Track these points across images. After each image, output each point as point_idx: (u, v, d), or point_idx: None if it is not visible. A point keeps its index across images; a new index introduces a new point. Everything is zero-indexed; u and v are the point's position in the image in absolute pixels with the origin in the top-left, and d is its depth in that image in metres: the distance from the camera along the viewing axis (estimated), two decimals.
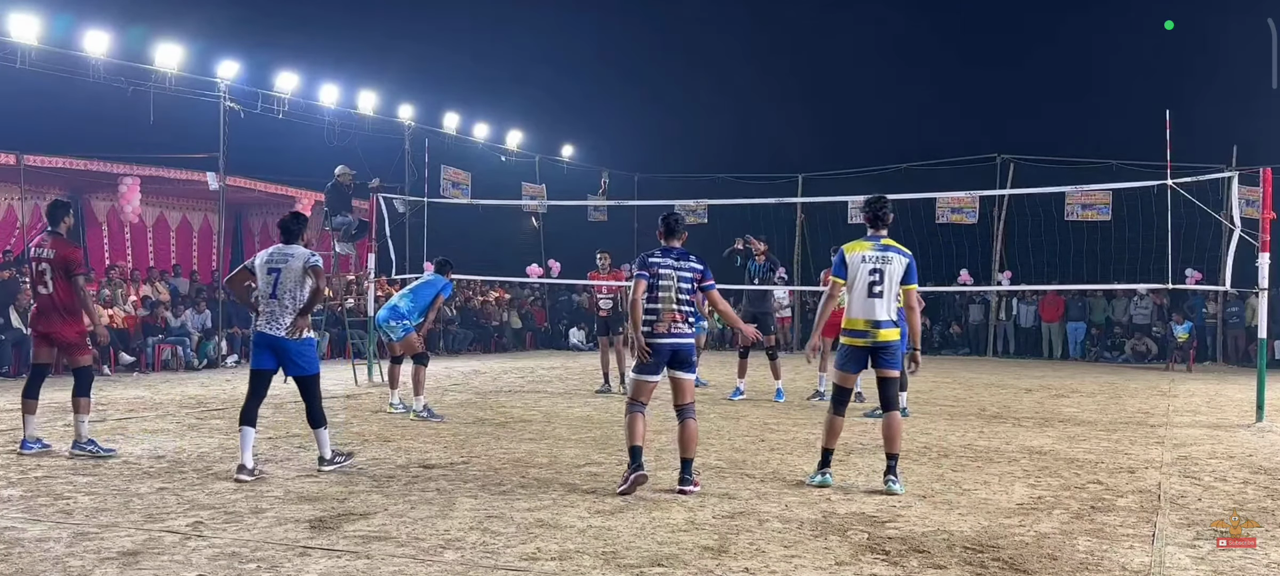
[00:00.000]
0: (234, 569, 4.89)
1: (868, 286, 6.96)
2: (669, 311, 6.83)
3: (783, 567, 5.07)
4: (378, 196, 15.80)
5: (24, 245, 17.08)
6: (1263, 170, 11.28)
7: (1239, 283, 13.07)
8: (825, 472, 7.09)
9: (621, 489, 6.61)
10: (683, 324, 6.88)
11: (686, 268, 6.90)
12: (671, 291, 6.84)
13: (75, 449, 7.88)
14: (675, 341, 6.84)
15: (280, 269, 7.35)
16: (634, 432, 6.77)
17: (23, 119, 16.52)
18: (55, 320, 7.96)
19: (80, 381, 7.96)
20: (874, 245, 7.05)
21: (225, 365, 16.91)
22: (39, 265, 8.00)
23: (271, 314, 7.32)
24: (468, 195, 22.56)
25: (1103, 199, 22.11)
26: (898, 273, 7.01)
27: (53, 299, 7.93)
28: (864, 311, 6.98)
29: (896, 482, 6.90)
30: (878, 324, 6.96)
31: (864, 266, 6.99)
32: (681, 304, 6.87)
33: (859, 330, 7.00)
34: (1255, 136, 20.54)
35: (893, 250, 7.05)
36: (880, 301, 6.96)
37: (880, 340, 6.96)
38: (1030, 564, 5.21)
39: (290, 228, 7.57)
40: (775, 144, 28.80)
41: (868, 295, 6.96)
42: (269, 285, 7.34)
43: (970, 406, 12.57)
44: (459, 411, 11.14)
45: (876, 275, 6.96)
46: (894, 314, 7.03)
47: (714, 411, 11.49)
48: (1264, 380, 11.37)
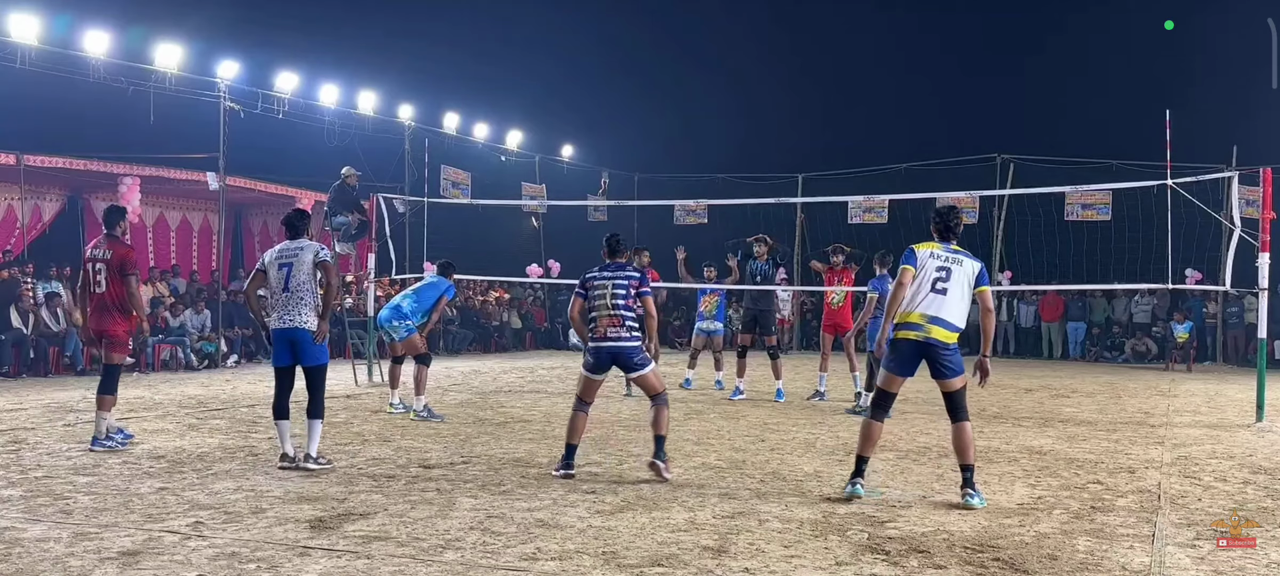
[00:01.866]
0: (234, 569, 4.89)
1: (932, 282, 6.61)
2: (604, 317, 7.30)
3: (783, 567, 5.08)
4: (378, 196, 15.80)
5: (24, 245, 17.10)
6: (1263, 170, 11.28)
7: (1239, 282, 13.07)
8: (857, 482, 6.64)
9: (557, 474, 7.22)
10: (621, 329, 7.28)
11: (622, 277, 7.39)
12: (606, 298, 7.30)
13: (95, 445, 8.10)
14: (612, 345, 7.26)
15: (291, 263, 7.57)
16: (573, 430, 7.38)
17: (23, 119, 16.51)
18: (107, 318, 8.33)
19: (108, 378, 8.24)
20: (945, 248, 6.76)
21: (225, 365, 16.91)
22: (95, 265, 8.40)
23: (286, 306, 7.53)
24: (468, 195, 22.56)
25: (1103, 199, 22.10)
26: (970, 274, 6.67)
27: (105, 298, 8.32)
28: (923, 306, 6.59)
29: (974, 496, 6.47)
30: (933, 319, 6.56)
31: (933, 262, 6.66)
32: (618, 308, 7.29)
33: (913, 323, 6.60)
34: (1255, 136, 20.54)
35: (964, 254, 6.76)
36: (943, 298, 6.58)
37: (933, 336, 6.54)
38: (1030, 564, 5.21)
39: (295, 223, 7.83)
40: (775, 144, 28.81)
41: (930, 290, 6.60)
42: (281, 281, 7.56)
43: (970, 406, 12.48)
44: (459, 411, 11.15)
45: (944, 272, 6.63)
46: (957, 317, 6.63)
47: (714, 411, 11.50)
48: (1264, 380, 11.37)
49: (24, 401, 11.45)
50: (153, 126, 16.65)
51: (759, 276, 12.78)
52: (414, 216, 19.56)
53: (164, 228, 20.34)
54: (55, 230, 18.62)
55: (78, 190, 18.48)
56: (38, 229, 18.09)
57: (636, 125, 29.14)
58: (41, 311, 15.05)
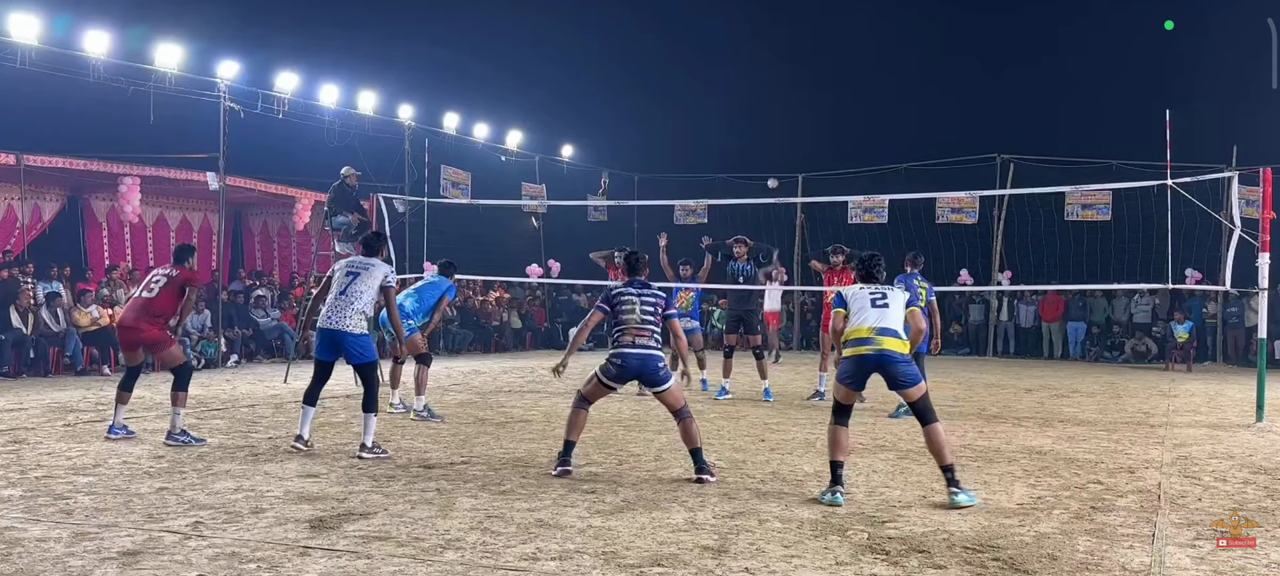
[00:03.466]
0: (234, 569, 4.89)
1: (871, 301, 6.90)
2: (632, 328, 7.40)
3: (783, 567, 5.08)
4: (378, 196, 15.78)
5: (24, 245, 17.10)
6: (1263, 170, 11.27)
7: (1239, 282, 13.07)
8: (836, 491, 6.62)
9: (556, 472, 7.25)
10: (650, 340, 7.38)
11: (649, 294, 7.55)
12: (635, 313, 7.41)
13: (169, 439, 8.47)
14: (640, 353, 7.34)
15: (360, 273, 8.23)
16: (573, 426, 7.43)
17: (23, 119, 16.51)
18: (145, 320, 8.68)
19: (180, 378, 8.60)
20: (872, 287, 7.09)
21: (225, 365, 16.91)
22: (154, 278, 8.92)
23: (335, 308, 8.10)
24: (468, 195, 22.55)
25: (1103, 199, 22.10)
26: (901, 298, 7.03)
27: (151, 304, 8.72)
28: (870, 321, 6.81)
29: (960, 493, 6.49)
30: (881, 331, 6.76)
31: (865, 292, 6.99)
32: (645, 323, 7.41)
33: (863, 337, 6.80)
34: (1255, 136, 20.54)
35: (892, 288, 7.15)
36: (885, 310, 6.85)
37: (884, 347, 6.71)
38: (1030, 564, 5.21)
39: (371, 244, 8.72)
40: (775, 144, 28.81)
41: (871, 307, 6.86)
42: (343, 285, 8.16)
43: (970, 406, 12.57)
44: (459, 411, 11.14)
45: (879, 293, 6.96)
46: (898, 327, 6.86)
47: (714, 411, 11.50)
48: (1264, 380, 11.37)
49: (24, 401, 11.44)
50: (153, 126, 16.64)
51: (741, 277, 12.77)
52: (414, 216, 19.55)
53: (164, 227, 20.32)
54: (55, 230, 18.62)
55: (78, 190, 18.48)
56: (38, 229, 18.09)
57: (636, 125, 29.15)
58: (41, 311, 15.05)
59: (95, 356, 15.32)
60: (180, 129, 17.75)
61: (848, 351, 6.91)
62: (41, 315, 15.02)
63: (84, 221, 18.90)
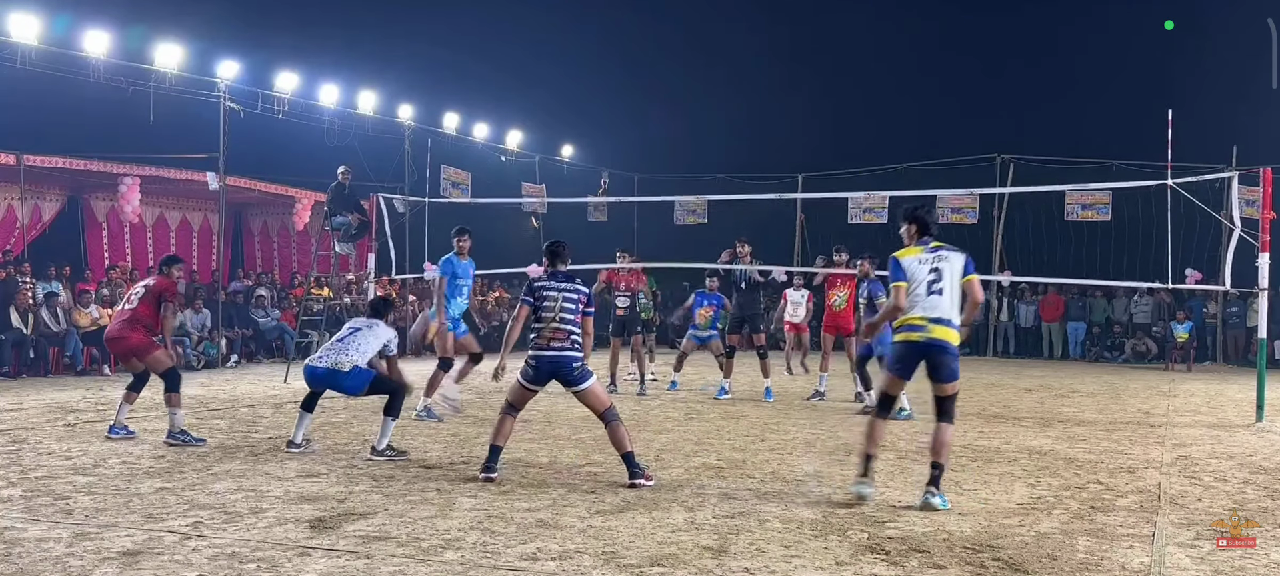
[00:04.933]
0: (234, 569, 4.89)
1: (927, 285, 6.65)
2: (549, 329, 7.15)
3: (783, 567, 5.08)
4: (378, 196, 15.79)
5: (24, 245, 17.09)
6: (1263, 170, 11.28)
7: (1239, 282, 13.07)
8: (865, 481, 6.56)
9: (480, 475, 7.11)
10: (566, 342, 7.15)
11: (571, 290, 7.28)
12: (555, 310, 7.16)
13: (169, 438, 8.54)
14: (554, 355, 7.14)
15: (362, 330, 8.34)
16: (499, 432, 7.31)
17: (23, 119, 16.49)
18: (128, 329, 8.80)
19: (169, 381, 8.66)
20: (925, 249, 6.78)
21: (226, 366, 16.90)
22: (135, 289, 9.13)
23: (332, 349, 8.23)
24: (468, 195, 22.55)
25: (1103, 199, 22.11)
26: (958, 268, 6.71)
27: (135, 312, 8.84)
28: (923, 308, 6.61)
29: (936, 496, 6.42)
30: (935, 320, 6.58)
31: (922, 269, 6.69)
32: (565, 321, 7.16)
33: (914, 324, 6.62)
34: (1255, 136, 20.54)
35: (946, 249, 6.80)
36: (940, 298, 6.61)
37: (935, 336, 6.56)
38: (1030, 564, 5.21)
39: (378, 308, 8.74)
40: (775, 143, 28.80)
41: (927, 293, 6.63)
42: (344, 333, 8.37)
43: (970, 406, 12.57)
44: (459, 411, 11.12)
45: (935, 273, 6.67)
46: (954, 313, 6.67)
47: (714, 411, 11.50)
48: (1264, 380, 11.37)
49: (24, 401, 11.44)
50: (153, 126, 16.63)
51: (744, 280, 12.81)
52: (414, 216, 19.55)
53: (164, 228, 20.32)
54: (55, 230, 18.61)
55: (78, 190, 18.47)
56: (37, 229, 18.08)
57: (636, 125, 29.13)
58: (41, 311, 15.04)
59: (95, 356, 15.30)
60: (180, 129, 17.74)
61: (898, 337, 6.71)
62: (41, 315, 15.02)
63: (84, 221, 18.89)
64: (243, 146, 17.94)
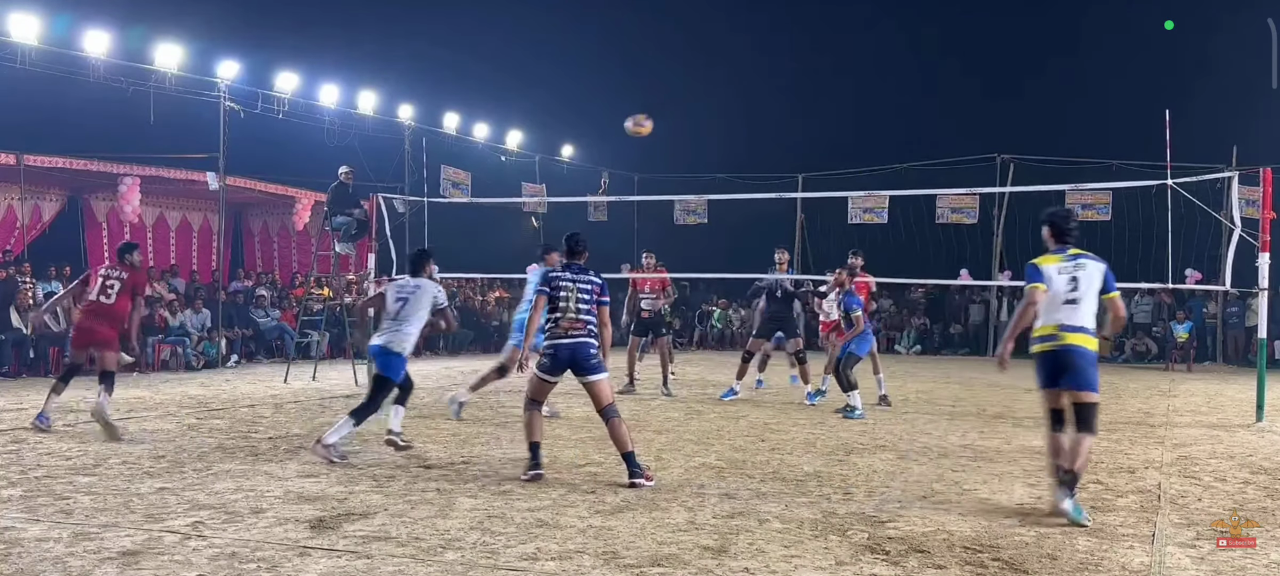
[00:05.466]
0: (234, 569, 4.89)
1: (1065, 296, 6.56)
2: (566, 319, 7.26)
3: (783, 567, 5.08)
4: (378, 196, 15.79)
5: (24, 245, 17.10)
6: (1263, 170, 11.28)
7: (1239, 282, 13.08)
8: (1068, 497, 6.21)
9: (525, 477, 7.07)
10: (583, 332, 7.25)
11: (585, 281, 7.41)
12: (572, 302, 7.28)
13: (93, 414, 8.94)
14: (572, 342, 7.23)
15: (408, 298, 8.44)
16: (532, 429, 7.27)
17: (23, 118, 16.49)
18: (103, 324, 9.15)
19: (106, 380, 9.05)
20: (1064, 256, 6.72)
21: (226, 366, 16.90)
22: (107, 281, 9.30)
23: (393, 331, 8.33)
24: (468, 195, 22.56)
25: (1103, 199, 22.10)
26: (1096, 281, 6.60)
27: (112, 308, 9.17)
28: (1058, 317, 6.54)
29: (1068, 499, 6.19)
30: (1068, 328, 6.49)
31: (1061, 278, 6.60)
32: (581, 313, 7.28)
33: (1049, 334, 6.55)
34: (1255, 136, 20.53)
35: (1085, 257, 6.71)
36: (1075, 308, 6.52)
37: (1070, 342, 6.47)
38: (1030, 564, 5.21)
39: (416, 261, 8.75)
40: (775, 143, 28.79)
41: (1063, 302, 6.55)
42: (396, 309, 8.40)
43: (970, 406, 12.57)
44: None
45: (1073, 283, 6.58)
46: (1090, 321, 6.56)
47: (714, 411, 11.50)
48: (1264, 380, 11.36)
49: (24, 401, 11.44)
50: (153, 126, 16.65)
51: (779, 290, 12.89)
52: (414, 216, 19.56)
53: (164, 228, 20.33)
54: (55, 230, 18.62)
55: (78, 190, 18.47)
56: (37, 229, 18.09)
57: None
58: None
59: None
60: (180, 129, 17.74)
61: (1036, 348, 6.63)
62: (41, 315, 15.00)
63: (84, 221, 18.89)
64: (243, 146, 17.95)
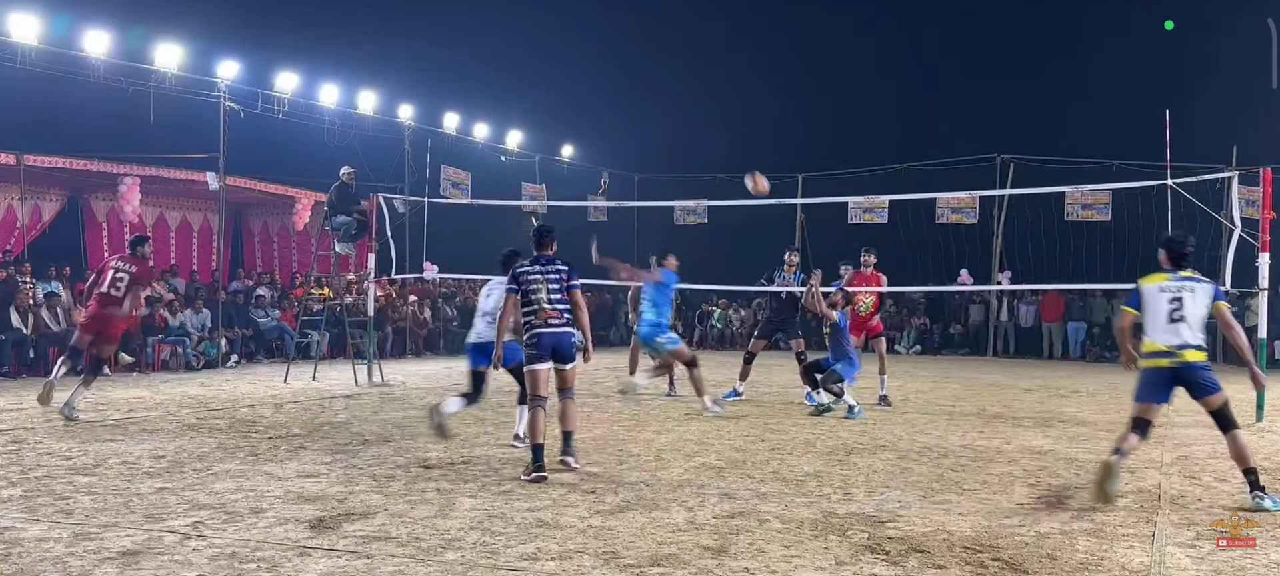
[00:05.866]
0: (234, 569, 4.89)
1: (1167, 313, 6.73)
2: (542, 310, 7.52)
3: (783, 567, 5.08)
4: (378, 196, 15.79)
5: (24, 245, 17.09)
6: (1263, 170, 11.28)
7: (1239, 282, 13.07)
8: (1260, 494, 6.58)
9: (527, 479, 7.07)
10: (560, 320, 7.52)
11: (553, 271, 7.64)
12: (542, 293, 7.53)
13: (64, 408, 9.59)
14: (554, 331, 7.51)
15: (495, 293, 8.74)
16: (536, 430, 7.39)
17: (23, 119, 16.49)
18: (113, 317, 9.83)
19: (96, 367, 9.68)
20: (1172, 277, 6.87)
21: (226, 366, 16.90)
22: (118, 274, 9.95)
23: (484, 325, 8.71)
24: (468, 195, 22.55)
25: (1103, 199, 22.08)
26: (1205, 297, 6.77)
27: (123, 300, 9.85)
28: (1165, 337, 6.71)
29: (1265, 498, 6.52)
30: (1180, 346, 6.67)
31: (1162, 296, 6.77)
32: (554, 302, 7.53)
33: (1157, 352, 6.73)
34: (1255, 136, 20.52)
35: (1196, 281, 6.85)
36: (1181, 325, 6.69)
37: (1185, 359, 6.64)
38: (1030, 564, 5.22)
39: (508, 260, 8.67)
40: (775, 143, 28.78)
41: (1168, 320, 6.71)
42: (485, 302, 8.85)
43: (970, 406, 12.57)
44: (459, 411, 11.10)
45: (1176, 302, 6.73)
46: (1197, 336, 6.70)
47: None
48: None
49: (24, 401, 11.43)
50: (153, 126, 16.64)
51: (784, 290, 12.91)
52: (414, 216, 19.55)
53: (164, 228, 20.32)
54: (55, 230, 18.62)
55: (78, 190, 18.47)
56: (37, 229, 18.08)
57: (636, 125, 29.09)
58: (41, 311, 15.04)
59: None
60: (180, 129, 17.74)
61: (1145, 362, 6.78)
62: (41, 315, 15.02)
63: (84, 221, 18.89)
64: (243, 146, 17.94)
